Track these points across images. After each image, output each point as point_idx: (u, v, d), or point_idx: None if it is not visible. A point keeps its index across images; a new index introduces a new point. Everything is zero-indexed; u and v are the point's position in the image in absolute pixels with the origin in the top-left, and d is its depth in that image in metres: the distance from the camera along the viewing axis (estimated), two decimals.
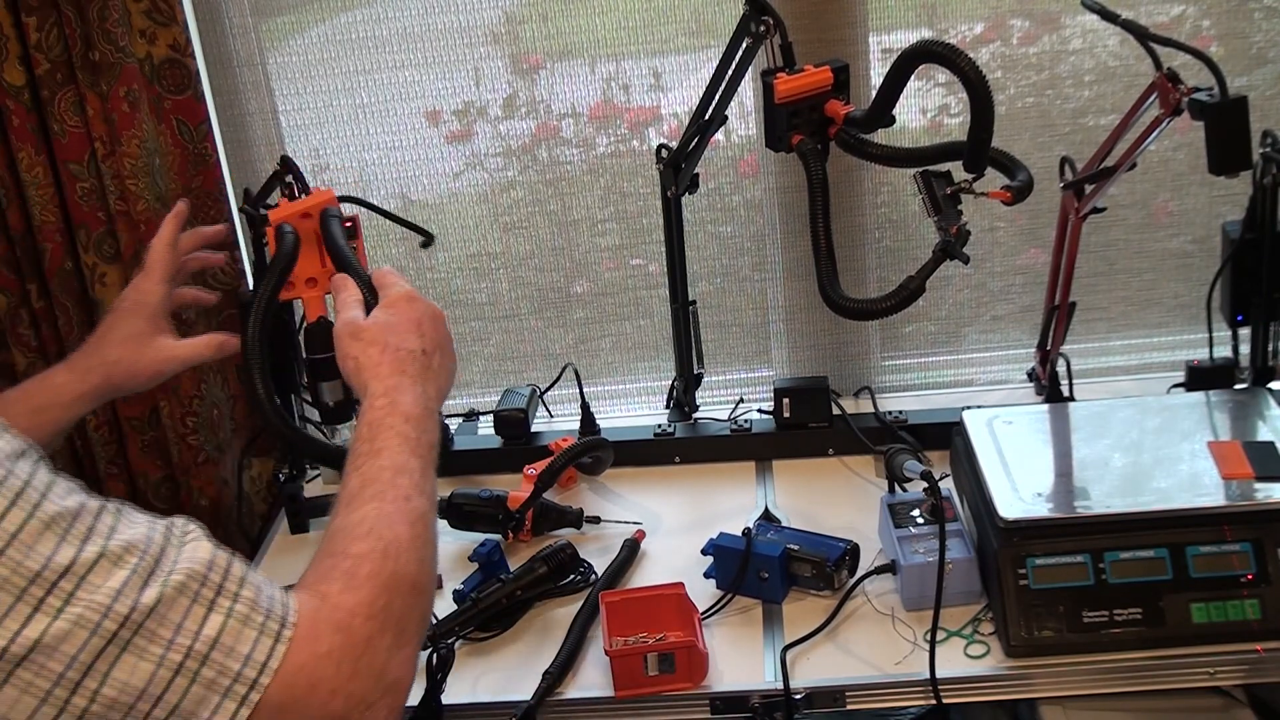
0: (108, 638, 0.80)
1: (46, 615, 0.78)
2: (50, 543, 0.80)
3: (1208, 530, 1.34)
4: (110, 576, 0.81)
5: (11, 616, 0.77)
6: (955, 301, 1.96)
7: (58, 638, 0.78)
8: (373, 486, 1.01)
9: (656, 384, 2.00)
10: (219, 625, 0.84)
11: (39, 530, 0.80)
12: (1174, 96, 1.42)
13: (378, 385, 1.11)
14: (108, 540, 0.82)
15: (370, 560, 0.95)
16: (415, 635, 0.96)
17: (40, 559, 0.79)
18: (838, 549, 1.49)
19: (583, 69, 1.86)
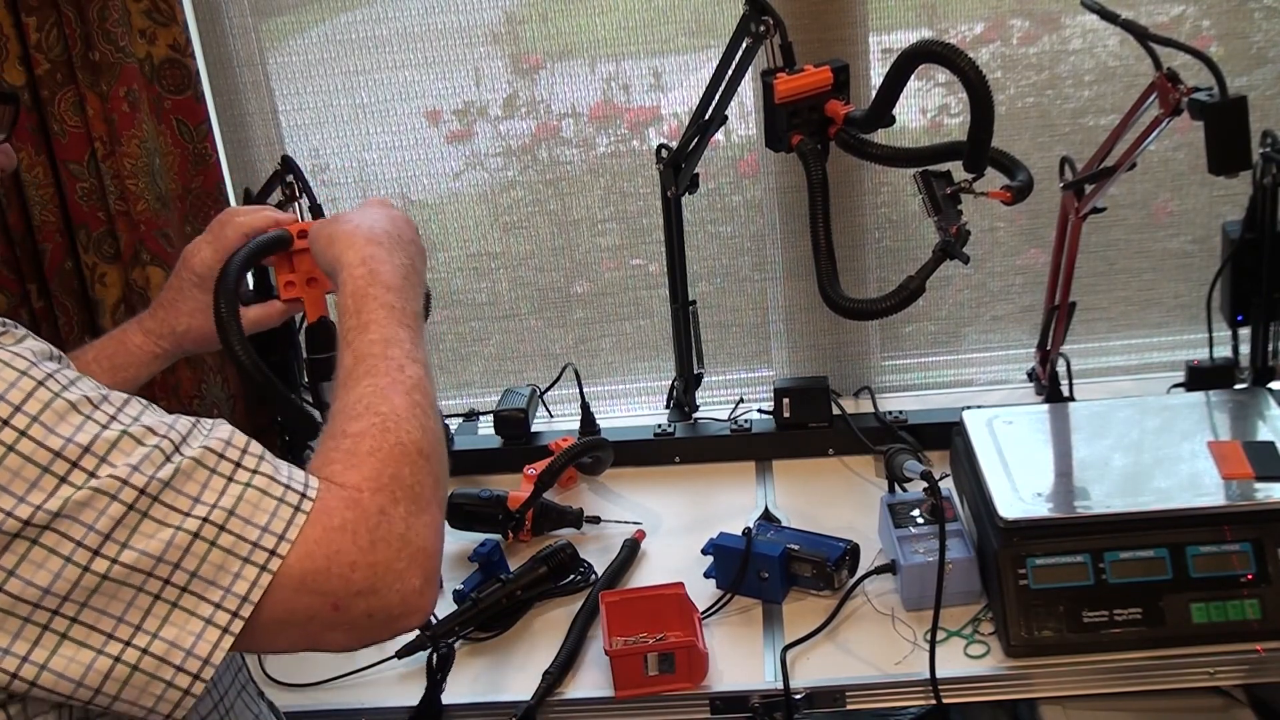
0: (127, 505, 0.83)
1: (71, 486, 0.81)
2: (75, 420, 0.83)
3: (1208, 530, 1.34)
4: (130, 454, 0.84)
5: (36, 490, 0.81)
6: (955, 301, 1.96)
7: (78, 505, 0.81)
8: (366, 363, 1.02)
9: (656, 384, 2.00)
10: (237, 494, 0.86)
11: (63, 411, 0.83)
12: (1174, 96, 1.42)
13: (353, 254, 1.11)
14: (131, 424, 0.85)
15: (369, 436, 0.95)
16: (433, 500, 0.96)
17: (61, 439, 0.82)
18: (838, 549, 1.49)
19: (583, 69, 1.86)
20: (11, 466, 0.81)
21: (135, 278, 1.74)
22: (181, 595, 0.84)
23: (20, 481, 0.81)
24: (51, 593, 0.82)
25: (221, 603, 0.85)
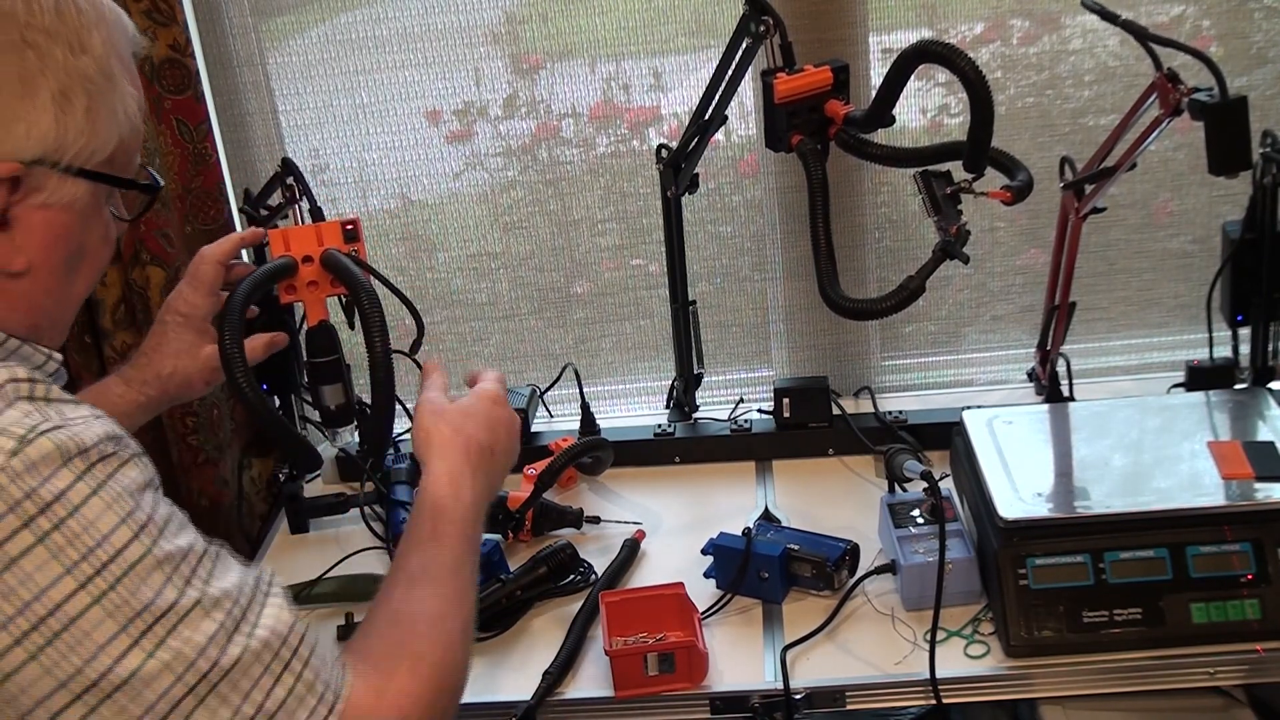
0: (188, 689, 0.84)
1: (142, 652, 0.83)
2: (158, 581, 0.85)
3: (1208, 530, 1.34)
4: (200, 626, 0.86)
5: (114, 644, 0.82)
6: (955, 301, 1.96)
7: (147, 678, 0.83)
8: (433, 573, 1.06)
9: (656, 384, 2.00)
10: (281, 698, 0.88)
11: (152, 567, 0.84)
12: (1174, 96, 1.42)
13: (442, 465, 1.16)
14: (205, 586, 0.87)
15: (432, 657, 1.00)
16: None
17: (147, 596, 0.84)
18: (838, 549, 1.49)
19: (583, 69, 1.86)
20: (95, 619, 0.82)
21: (135, 278, 1.74)
22: None
23: (99, 634, 0.82)
24: None
25: None
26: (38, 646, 0.80)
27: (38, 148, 0.89)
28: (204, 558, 0.89)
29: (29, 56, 0.88)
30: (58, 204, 0.92)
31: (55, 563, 0.81)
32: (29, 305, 0.94)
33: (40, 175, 0.90)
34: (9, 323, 0.93)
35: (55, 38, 0.89)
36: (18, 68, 0.88)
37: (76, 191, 0.93)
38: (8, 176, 0.88)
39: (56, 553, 0.81)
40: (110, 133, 0.94)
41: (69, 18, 0.90)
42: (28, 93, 0.88)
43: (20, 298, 0.93)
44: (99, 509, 0.83)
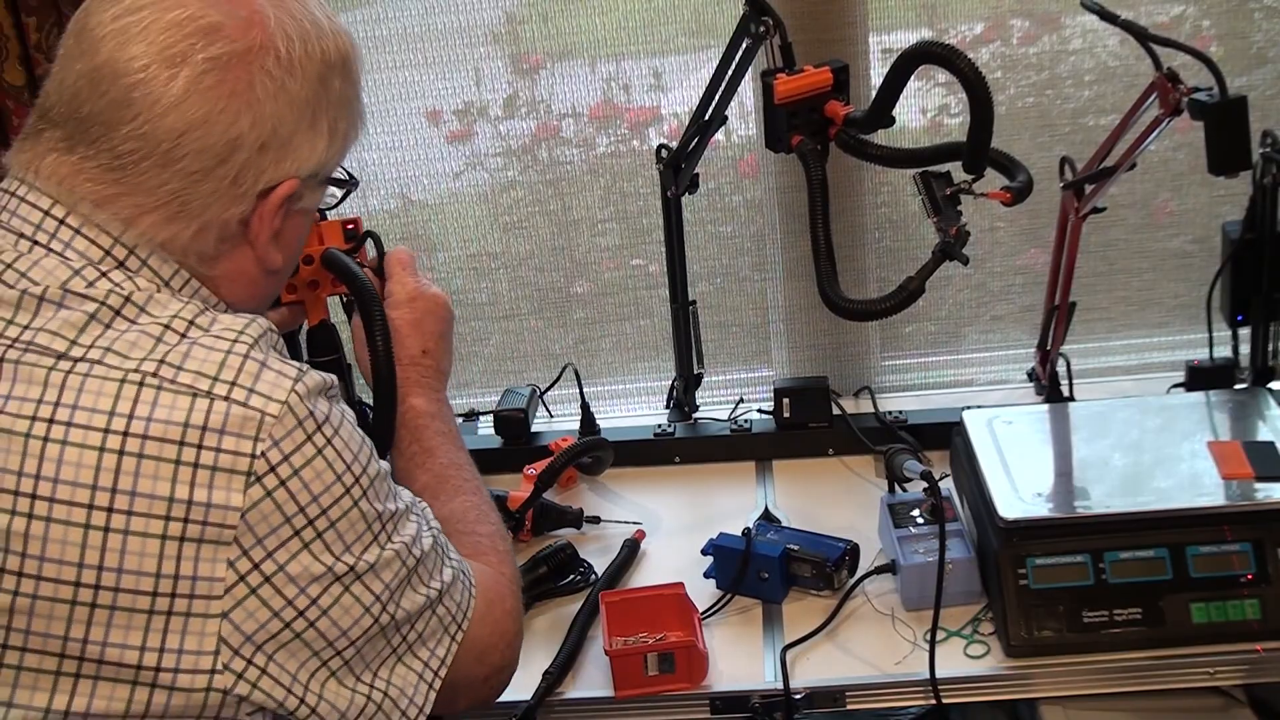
0: (408, 572, 1.04)
1: (379, 546, 1.01)
2: (385, 491, 1.03)
3: (1208, 530, 1.34)
4: (407, 526, 1.05)
5: (360, 541, 0.99)
6: (955, 301, 1.96)
7: (382, 565, 1.01)
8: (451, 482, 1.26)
9: (656, 384, 2.00)
10: (450, 577, 1.10)
11: (381, 479, 1.03)
12: (1174, 96, 1.42)
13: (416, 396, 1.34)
14: (400, 498, 1.06)
15: (499, 538, 1.24)
16: None
17: (380, 503, 1.02)
18: (838, 549, 1.49)
19: (583, 69, 1.86)
20: (353, 519, 0.99)
21: None
22: (406, 653, 1.05)
23: (353, 533, 0.99)
24: (346, 635, 1.00)
25: (428, 662, 1.07)
26: (311, 538, 0.96)
27: (313, 165, 1.04)
28: (390, 476, 1.07)
29: (322, 93, 1.02)
30: (306, 210, 1.08)
31: (330, 471, 0.96)
32: (263, 293, 1.10)
33: (310, 187, 1.05)
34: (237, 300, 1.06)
35: (334, 69, 1.04)
36: (314, 101, 1.02)
37: (318, 197, 1.09)
38: (290, 193, 1.02)
39: (331, 463, 0.96)
40: (348, 146, 1.08)
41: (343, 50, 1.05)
42: (316, 121, 1.03)
43: (263, 286, 1.08)
44: (349, 431, 1.00)
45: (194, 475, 0.90)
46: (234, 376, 0.93)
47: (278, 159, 1.00)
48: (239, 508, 0.91)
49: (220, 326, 0.96)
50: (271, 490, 0.93)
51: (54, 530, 0.89)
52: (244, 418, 0.92)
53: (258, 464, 0.92)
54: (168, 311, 0.96)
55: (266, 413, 0.92)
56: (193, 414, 0.91)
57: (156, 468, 0.90)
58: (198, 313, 0.97)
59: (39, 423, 0.90)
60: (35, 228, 0.97)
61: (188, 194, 0.98)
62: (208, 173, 0.97)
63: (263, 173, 1.00)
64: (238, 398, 0.92)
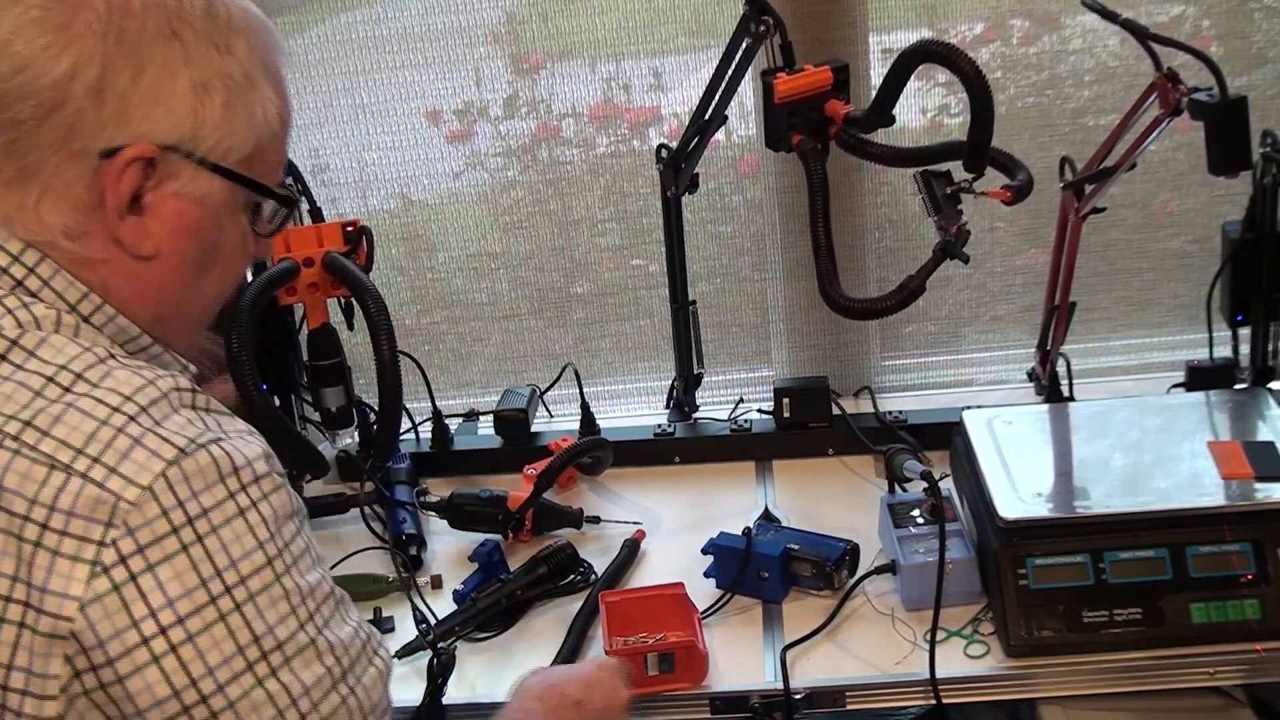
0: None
1: (252, 678, 0.85)
2: (280, 611, 0.87)
3: (1208, 530, 1.34)
4: (309, 667, 0.88)
5: (227, 666, 0.84)
6: (955, 301, 1.96)
7: (251, 706, 0.85)
8: None
9: (656, 384, 1.99)
10: None
11: (279, 596, 0.87)
12: (1174, 96, 1.42)
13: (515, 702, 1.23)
14: (323, 630, 0.90)
15: None
16: None
17: (265, 624, 0.86)
18: (838, 549, 1.49)
19: (583, 69, 1.86)
20: (217, 635, 0.84)
21: None
22: None
23: (217, 653, 0.84)
24: None
25: None
26: (161, 652, 0.83)
27: (174, 134, 0.91)
28: (327, 600, 0.92)
29: (174, 46, 0.91)
30: (190, 196, 0.94)
31: (193, 573, 0.83)
32: (156, 292, 0.95)
33: (175, 162, 0.92)
34: (139, 312, 0.95)
35: (201, 34, 0.92)
36: (163, 54, 0.90)
37: (210, 187, 0.94)
38: (145, 157, 0.90)
39: (197, 563, 0.83)
40: (248, 133, 0.96)
41: (219, 19, 0.94)
42: (169, 78, 0.91)
43: (148, 283, 0.95)
44: (240, 530, 0.86)
45: (34, 555, 0.81)
46: (99, 451, 0.83)
47: (119, 112, 0.89)
48: (78, 597, 0.81)
49: (109, 385, 0.86)
50: (119, 584, 0.81)
51: None
52: (97, 500, 0.81)
53: (106, 553, 0.81)
54: (57, 359, 0.87)
55: (123, 497, 0.82)
56: (43, 488, 0.81)
57: (3, 543, 0.81)
58: (92, 363, 0.87)
59: None
60: None
61: (21, 146, 0.89)
62: (39, 122, 0.88)
63: (102, 128, 0.89)
64: (95, 476, 0.82)
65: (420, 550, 1.65)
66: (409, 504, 1.70)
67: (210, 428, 0.87)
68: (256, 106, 0.96)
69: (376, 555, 1.66)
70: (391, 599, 1.57)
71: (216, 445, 0.86)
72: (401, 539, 1.64)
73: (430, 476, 1.82)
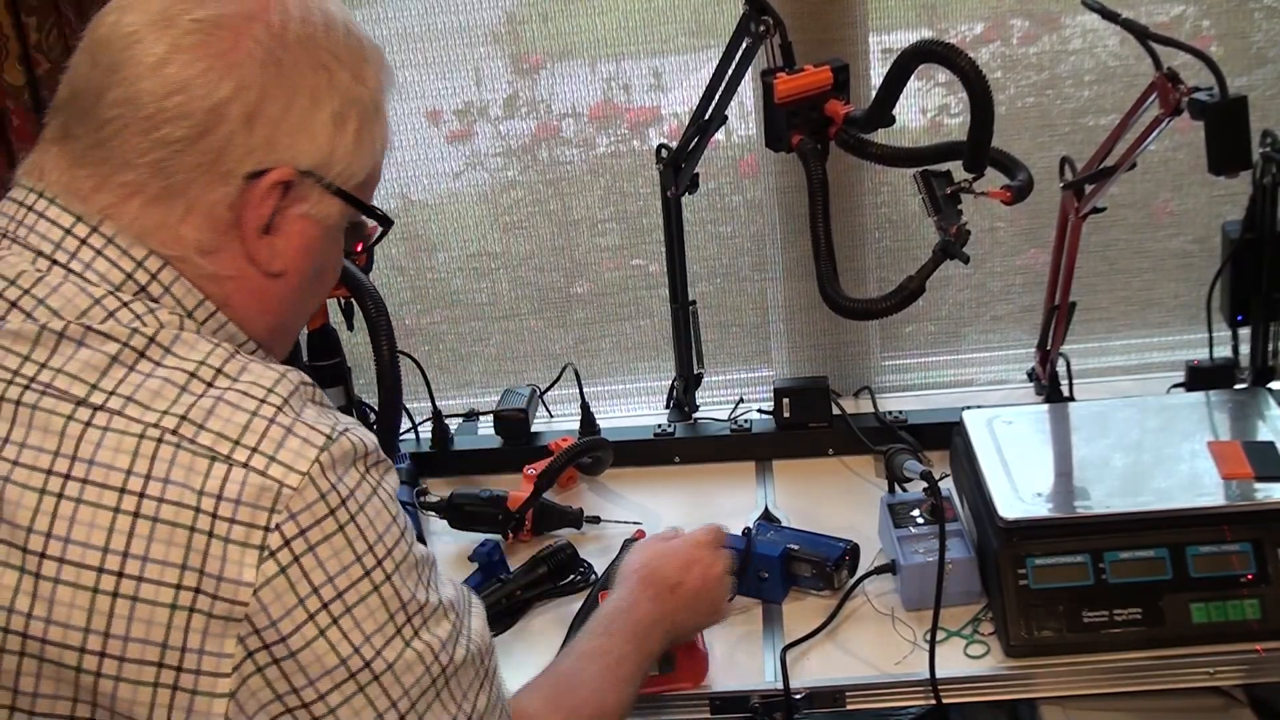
0: (431, 680, 0.94)
1: (401, 641, 0.92)
2: (414, 580, 0.94)
3: (1208, 530, 1.34)
4: (440, 625, 0.95)
5: (381, 633, 0.91)
6: (955, 301, 1.96)
7: (404, 667, 0.92)
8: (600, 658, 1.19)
9: (656, 384, 1.99)
10: (483, 707, 0.99)
11: (412, 565, 0.94)
12: (1174, 96, 1.42)
13: (621, 589, 1.29)
14: (440, 590, 0.97)
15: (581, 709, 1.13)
16: None
17: (408, 591, 0.93)
18: (838, 549, 1.49)
19: (583, 69, 1.86)
20: (372, 605, 0.90)
21: None
22: None
23: (372, 621, 0.90)
24: None
25: None
26: (325, 625, 0.88)
27: (311, 160, 0.96)
28: (433, 564, 0.99)
29: (322, 77, 0.96)
30: (315, 218, 0.98)
31: (349, 550, 0.89)
32: (278, 309, 1.00)
33: (308, 186, 0.97)
34: (256, 325, 0.99)
35: (343, 63, 0.98)
36: (311, 84, 0.95)
37: (331, 209, 0.99)
38: (283, 180, 0.94)
39: (351, 541, 0.89)
40: (368, 160, 1.01)
41: (355, 49, 1.00)
42: (315, 107, 0.96)
43: (273, 299, 0.99)
44: (378, 507, 0.92)
45: (208, 545, 0.85)
46: (256, 441, 0.87)
47: (268, 139, 0.93)
48: (251, 583, 0.86)
49: (249, 379, 0.90)
50: (285, 566, 0.87)
51: (61, 592, 0.85)
52: (261, 488, 0.86)
53: (272, 538, 0.86)
54: (194, 355, 0.91)
55: (285, 484, 0.87)
56: (208, 480, 0.86)
57: (171, 533, 0.85)
58: (226, 358, 0.91)
59: (54, 477, 0.85)
60: (55, 246, 0.93)
61: (170, 165, 0.92)
62: (190, 143, 0.91)
63: (250, 152, 0.93)
64: (257, 465, 0.87)
65: None
66: (409, 504, 1.70)
67: (337, 418, 0.93)
68: (377, 134, 1.03)
69: None
70: None
71: (349, 433, 0.91)
72: None
73: (430, 476, 1.82)
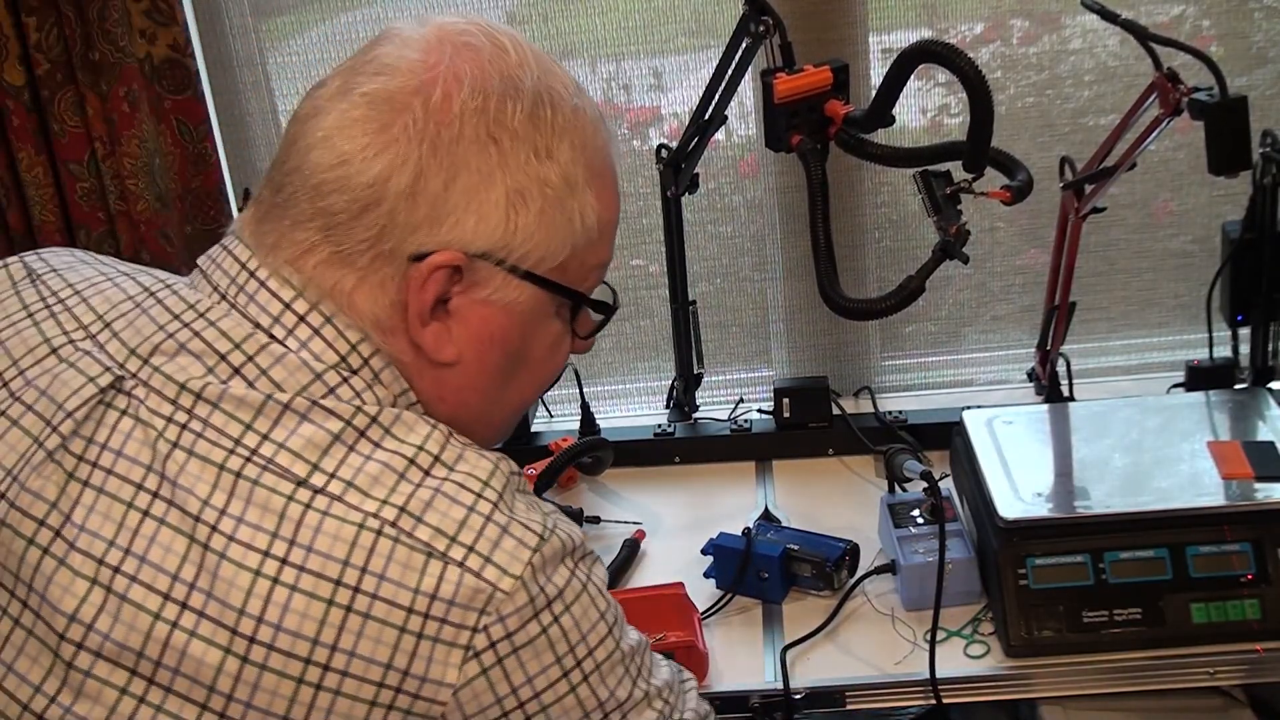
0: None
1: None
2: (617, 676, 0.92)
3: (1208, 530, 1.34)
4: (642, 715, 0.93)
5: None
6: (955, 301, 1.96)
7: None
8: None
9: (656, 384, 1.99)
10: None
11: (617, 662, 0.92)
12: (1174, 96, 1.42)
13: None
14: (650, 679, 0.95)
15: None
16: None
17: (607, 690, 0.91)
18: (838, 549, 1.49)
19: (583, 69, 1.86)
20: (567, 705, 0.88)
21: None
22: None
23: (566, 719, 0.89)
24: None
25: None
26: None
27: (485, 241, 0.90)
28: (645, 651, 0.97)
29: (490, 152, 0.90)
30: (498, 303, 0.93)
31: (550, 652, 0.87)
32: (455, 395, 0.95)
33: (485, 269, 0.91)
34: (435, 409, 0.95)
35: (522, 140, 0.91)
36: (479, 161, 0.89)
37: (520, 294, 0.93)
38: (450, 265, 0.89)
39: (554, 643, 0.87)
40: (564, 240, 0.93)
41: (542, 123, 0.92)
42: (484, 186, 0.90)
43: (447, 386, 0.95)
44: (585, 605, 0.89)
45: (416, 645, 0.83)
46: (473, 540, 0.84)
47: (431, 219, 0.89)
48: (453, 684, 0.84)
49: (465, 468, 0.87)
50: (488, 668, 0.85)
51: (266, 679, 0.82)
52: (475, 590, 0.83)
53: (478, 639, 0.84)
54: (413, 438, 0.88)
55: (499, 587, 0.84)
56: (424, 578, 0.83)
57: (381, 631, 0.83)
58: (443, 444, 0.88)
59: (270, 560, 0.83)
60: (273, 320, 0.90)
61: (337, 235, 0.89)
62: (354, 216, 0.89)
63: (413, 231, 0.89)
64: (473, 565, 0.84)
65: None
66: None
67: (545, 511, 0.90)
68: (575, 213, 0.94)
69: None
70: None
71: (558, 529, 0.88)
72: None
73: None
